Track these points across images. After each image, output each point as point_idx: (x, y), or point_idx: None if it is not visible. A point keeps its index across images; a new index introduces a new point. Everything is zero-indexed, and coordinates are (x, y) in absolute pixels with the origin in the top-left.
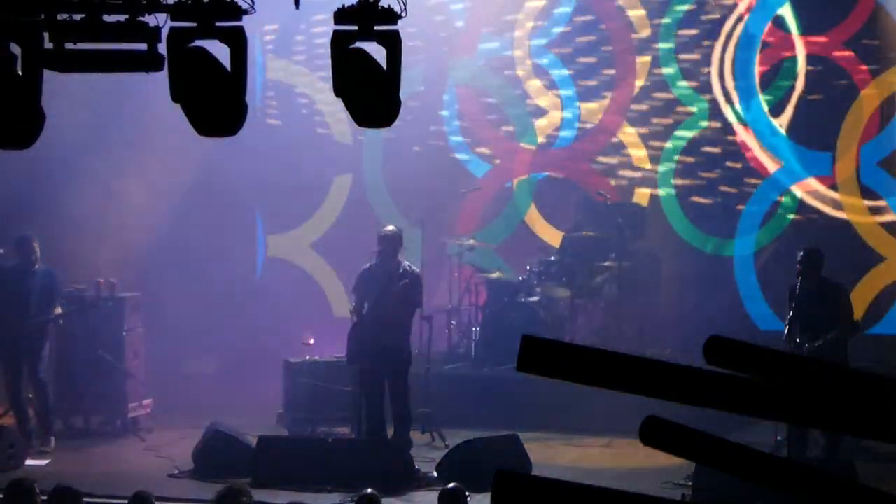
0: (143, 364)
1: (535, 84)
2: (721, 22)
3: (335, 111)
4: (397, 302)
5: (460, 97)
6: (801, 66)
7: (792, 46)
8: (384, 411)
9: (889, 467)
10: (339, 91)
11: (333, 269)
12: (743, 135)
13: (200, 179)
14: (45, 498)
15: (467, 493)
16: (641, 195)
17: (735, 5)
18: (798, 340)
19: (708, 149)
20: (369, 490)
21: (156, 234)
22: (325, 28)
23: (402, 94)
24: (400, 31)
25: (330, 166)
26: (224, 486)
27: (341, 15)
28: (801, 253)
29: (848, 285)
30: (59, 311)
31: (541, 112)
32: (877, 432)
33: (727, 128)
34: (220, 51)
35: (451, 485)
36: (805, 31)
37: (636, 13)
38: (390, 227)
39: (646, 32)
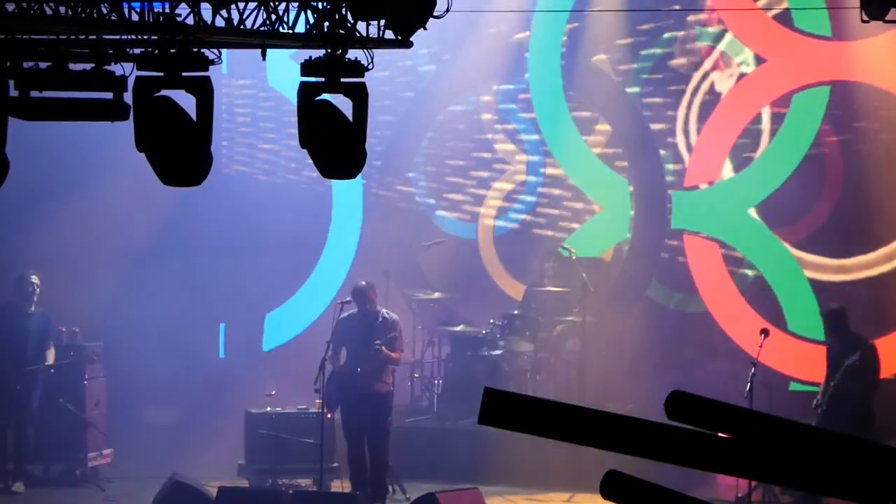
0: (105, 413)
1: (501, 140)
2: (687, 79)
3: (302, 162)
4: (380, 350)
5: (428, 151)
6: (766, 123)
7: (758, 102)
8: (366, 458)
9: None
10: (304, 142)
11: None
12: (707, 190)
13: (168, 229)
14: None
15: None
16: (606, 250)
17: (701, 62)
18: (818, 400)
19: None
20: None
21: (120, 283)
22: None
23: (369, 147)
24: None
25: (296, 217)
26: None
27: (308, 66)
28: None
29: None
30: (50, 358)
31: (507, 168)
32: (836, 490)
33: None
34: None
35: None
36: (771, 88)
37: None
38: (361, 283)
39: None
